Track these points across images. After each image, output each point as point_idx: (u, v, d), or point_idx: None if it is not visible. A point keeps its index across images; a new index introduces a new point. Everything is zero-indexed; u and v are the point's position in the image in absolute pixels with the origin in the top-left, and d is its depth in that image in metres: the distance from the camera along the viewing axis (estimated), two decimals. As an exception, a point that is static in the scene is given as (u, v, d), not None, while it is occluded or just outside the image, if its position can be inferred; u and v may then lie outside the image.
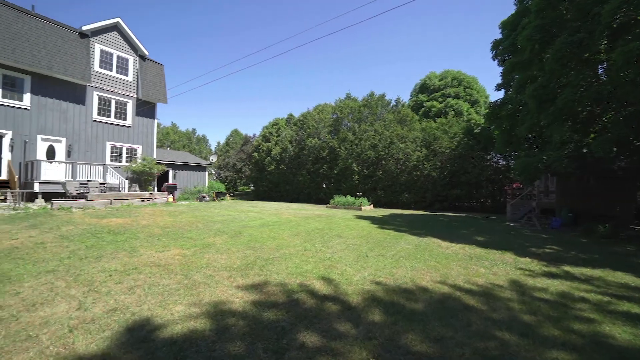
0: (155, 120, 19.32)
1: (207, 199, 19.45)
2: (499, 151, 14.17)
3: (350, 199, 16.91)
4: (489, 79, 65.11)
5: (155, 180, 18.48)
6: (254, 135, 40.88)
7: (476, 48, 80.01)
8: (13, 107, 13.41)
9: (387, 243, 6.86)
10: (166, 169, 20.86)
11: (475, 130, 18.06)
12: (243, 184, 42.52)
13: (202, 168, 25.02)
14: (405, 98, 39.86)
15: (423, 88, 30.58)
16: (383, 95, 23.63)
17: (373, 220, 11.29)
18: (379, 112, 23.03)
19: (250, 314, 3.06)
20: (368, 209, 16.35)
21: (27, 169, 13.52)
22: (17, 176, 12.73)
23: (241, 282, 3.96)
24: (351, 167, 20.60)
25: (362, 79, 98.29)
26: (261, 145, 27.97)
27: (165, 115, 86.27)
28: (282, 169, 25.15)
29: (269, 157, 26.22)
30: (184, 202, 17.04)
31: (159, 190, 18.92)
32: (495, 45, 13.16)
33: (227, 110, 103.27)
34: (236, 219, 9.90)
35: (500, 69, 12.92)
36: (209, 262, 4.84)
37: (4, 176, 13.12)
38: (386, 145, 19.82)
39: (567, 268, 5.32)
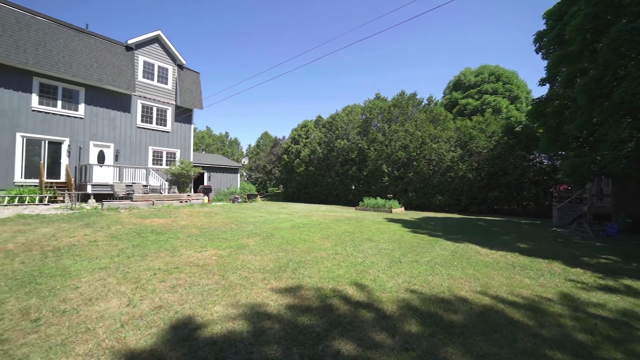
0: (192, 125, 20.41)
1: (239, 200, 20.14)
2: (544, 151, 13.13)
3: (380, 201, 16.61)
4: (531, 74, 60.85)
5: (192, 182, 19.50)
6: (283, 137, 41.72)
7: (516, 41, 75.09)
8: (70, 116, 14.87)
9: (420, 248, 6.63)
10: (202, 171, 21.93)
11: (517, 129, 16.91)
12: (273, 185, 43.52)
13: (234, 170, 25.98)
14: (438, 96, 38.47)
15: (457, 85, 29.23)
16: (414, 94, 22.97)
17: (405, 223, 10.99)
18: (409, 111, 22.42)
19: (285, 317, 3.11)
20: (399, 211, 15.95)
21: (81, 172, 14.91)
22: (73, 179, 14.08)
23: (275, 285, 4.03)
24: (381, 168, 20.23)
25: (392, 80, 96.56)
26: (290, 148, 28.43)
27: (200, 120, 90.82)
28: (310, 171, 25.35)
29: (298, 159, 26.57)
30: (218, 203, 17.78)
31: (195, 191, 19.95)
32: (539, 37, 12.23)
33: (258, 111, 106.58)
34: (267, 221, 10.13)
35: (545, 62, 11.99)
36: (243, 264, 4.99)
37: (63, 179, 14.57)
38: (418, 145, 19.21)
39: (627, 282, 4.79)
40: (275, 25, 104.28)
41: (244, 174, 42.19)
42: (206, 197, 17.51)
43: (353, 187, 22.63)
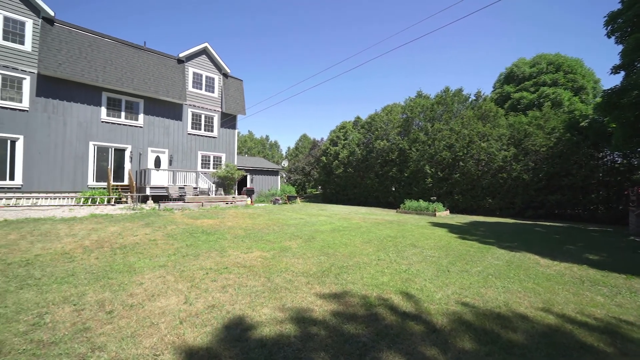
0: (236, 131, 21.51)
1: (280, 201, 20.72)
2: (618, 148, 11.50)
3: (422, 203, 15.92)
4: (598, 61, 54.00)
5: (236, 184, 20.54)
6: (322, 139, 42.08)
7: (579, 26, 67.12)
8: (132, 126, 16.56)
9: (470, 257, 6.21)
10: (245, 174, 22.99)
11: (582, 123, 15.03)
12: (311, 187, 44.12)
13: (275, 172, 26.82)
14: (487, 91, 35.99)
15: (509, 78, 26.91)
16: (460, 90, 21.66)
17: (451, 228, 10.40)
18: (455, 108, 21.18)
19: (330, 324, 3.10)
20: (443, 214, 15.14)
21: (141, 175, 16.50)
22: (134, 182, 15.64)
23: (319, 290, 4.06)
24: (423, 169, 19.39)
25: (433, 81, 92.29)
26: (329, 149, 28.56)
27: (243, 124, 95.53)
28: (349, 172, 25.20)
29: (336, 161, 26.59)
30: (260, 205, 18.49)
31: (239, 193, 20.98)
32: (612, 18, 10.73)
33: (297, 113, 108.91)
34: (308, 223, 10.27)
35: (619, 47, 10.52)
36: (287, 267, 5.10)
37: (126, 182, 16.26)
38: (464, 144, 18.06)
39: None
40: (314, 28, 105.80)
41: (284, 175, 43.34)
42: (249, 199, 18.31)
43: (393, 189, 22.01)
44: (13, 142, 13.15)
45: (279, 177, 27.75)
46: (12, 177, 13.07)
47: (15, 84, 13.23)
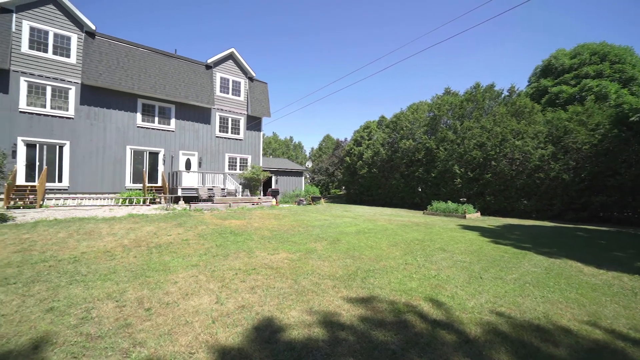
0: (261, 133, 21.98)
1: (304, 202, 20.89)
2: (674, 145, 10.41)
3: (451, 205, 15.35)
4: (648, 47, 48.98)
5: (262, 185, 20.99)
6: (345, 139, 41.91)
7: (626, 10, 61.41)
8: (165, 130, 17.44)
9: (505, 263, 5.89)
10: (270, 175, 23.43)
11: (632, 118, 13.72)
12: (335, 187, 44.08)
13: (299, 173, 27.10)
14: (522, 86, 34.11)
15: (547, 71, 25.21)
16: (491, 86, 20.64)
17: (483, 231, 9.93)
18: (486, 105, 20.19)
19: (358, 329, 3.08)
20: (474, 217, 14.50)
21: (173, 177, 17.33)
22: (167, 183, 16.47)
23: (345, 294, 4.04)
24: (452, 169, 18.68)
25: (458, 81, 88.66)
26: (352, 150, 28.38)
27: (267, 125, 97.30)
28: (374, 173, 24.88)
29: (360, 161, 26.36)
30: (284, 205, 18.75)
31: (264, 194, 21.41)
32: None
33: (320, 112, 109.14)
34: (332, 225, 10.26)
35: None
36: (313, 269, 5.13)
37: (159, 183, 17.14)
38: (497, 143, 17.17)
39: None
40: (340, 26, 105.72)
41: (307, 176, 43.65)
42: (274, 200, 18.63)
43: (419, 190, 21.41)
44: (61, 147, 14.34)
45: (303, 178, 28.00)
46: (60, 179, 14.26)
47: (63, 94, 14.41)
